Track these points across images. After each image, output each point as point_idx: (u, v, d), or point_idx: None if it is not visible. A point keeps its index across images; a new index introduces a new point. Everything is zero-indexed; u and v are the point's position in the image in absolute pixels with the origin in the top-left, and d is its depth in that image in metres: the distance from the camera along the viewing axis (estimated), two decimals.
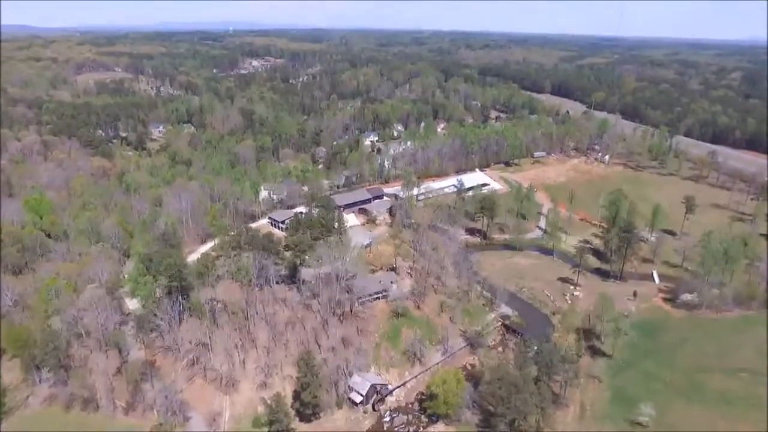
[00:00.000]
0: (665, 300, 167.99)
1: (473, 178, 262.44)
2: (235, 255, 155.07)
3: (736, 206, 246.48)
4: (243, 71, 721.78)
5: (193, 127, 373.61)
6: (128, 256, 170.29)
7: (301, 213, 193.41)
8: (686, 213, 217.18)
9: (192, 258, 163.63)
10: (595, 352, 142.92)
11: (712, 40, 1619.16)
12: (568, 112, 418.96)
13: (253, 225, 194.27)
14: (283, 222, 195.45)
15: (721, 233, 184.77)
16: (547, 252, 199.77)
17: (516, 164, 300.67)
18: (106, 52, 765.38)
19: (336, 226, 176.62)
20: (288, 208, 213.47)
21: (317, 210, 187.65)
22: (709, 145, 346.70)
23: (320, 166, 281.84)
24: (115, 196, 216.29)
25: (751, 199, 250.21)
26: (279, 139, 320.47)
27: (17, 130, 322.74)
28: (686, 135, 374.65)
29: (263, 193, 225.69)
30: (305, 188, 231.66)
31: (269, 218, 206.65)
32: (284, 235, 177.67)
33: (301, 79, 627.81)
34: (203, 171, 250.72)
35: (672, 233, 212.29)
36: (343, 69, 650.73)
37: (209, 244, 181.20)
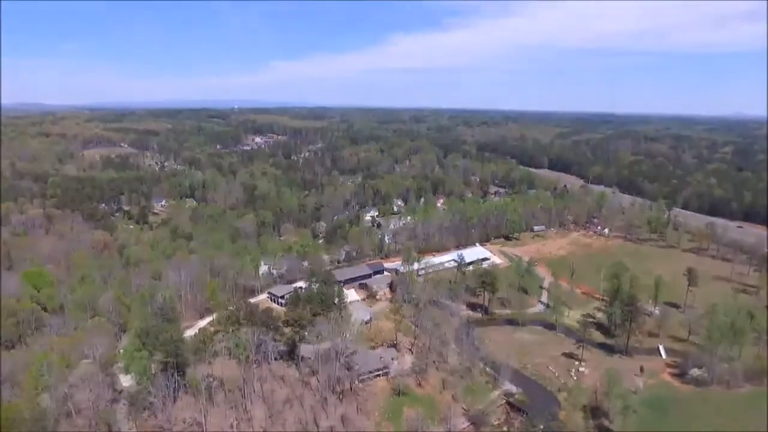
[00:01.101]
0: (673, 375, 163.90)
1: (473, 253, 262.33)
2: (233, 330, 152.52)
3: (738, 278, 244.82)
4: (246, 147, 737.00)
5: (195, 202, 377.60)
6: (125, 331, 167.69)
7: (301, 288, 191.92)
8: (689, 285, 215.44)
9: (189, 333, 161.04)
10: (603, 430, 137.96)
11: (701, 115, 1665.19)
12: (566, 186, 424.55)
13: (253, 300, 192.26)
14: (282, 297, 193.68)
15: (726, 306, 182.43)
16: (550, 326, 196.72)
17: (516, 238, 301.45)
18: (113, 128, 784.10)
19: (336, 302, 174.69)
20: (288, 283, 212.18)
21: (317, 285, 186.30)
22: (706, 217, 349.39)
23: (321, 241, 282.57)
24: (115, 270, 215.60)
25: (754, 271, 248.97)
26: (280, 214, 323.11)
27: (21, 203, 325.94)
28: (684, 207, 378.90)
29: (263, 268, 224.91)
30: (305, 263, 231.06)
31: (269, 293, 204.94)
32: (284, 310, 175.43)
33: (302, 155, 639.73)
34: (204, 245, 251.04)
35: (676, 306, 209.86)
36: (344, 145, 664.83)
37: (207, 319, 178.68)
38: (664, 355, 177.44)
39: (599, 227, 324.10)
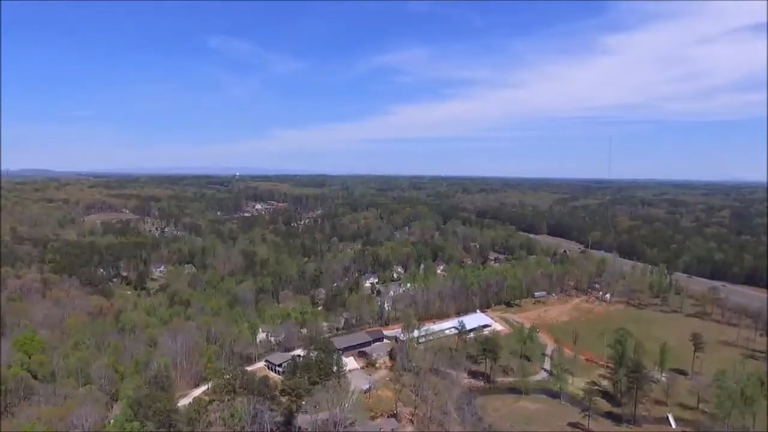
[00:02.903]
0: None
1: (474, 320, 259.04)
2: (228, 400, 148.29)
3: (746, 343, 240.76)
4: (246, 214, 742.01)
5: (194, 268, 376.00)
6: (117, 400, 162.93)
7: (299, 356, 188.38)
8: (695, 351, 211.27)
9: (184, 402, 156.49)
10: None
11: (696, 181, 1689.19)
12: (565, 251, 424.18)
13: (250, 368, 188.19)
14: (280, 365, 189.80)
15: (736, 372, 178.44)
16: (554, 395, 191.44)
17: (517, 305, 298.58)
18: (116, 194, 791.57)
19: (335, 370, 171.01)
20: (286, 351, 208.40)
21: (315, 353, 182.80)
22: (708, 281, 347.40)
23: (320, 308, 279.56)
24: (110, 336, 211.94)
25: (761, 335, 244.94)
26: (279, 280, 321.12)
27: (19, 267, 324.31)
28: (684, 271, 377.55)
29: (261, 335, 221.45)
30: (304, 330, 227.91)
31: (266, 361, 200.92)
32: (281, 379, 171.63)
33: (302, 222, 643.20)
34: (202, 311, 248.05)
35: (683, 373, 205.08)
36: (343, 212, 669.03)
37: (203, 388, 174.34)
38: (673, 425, 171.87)
39: (600, 292, 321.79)
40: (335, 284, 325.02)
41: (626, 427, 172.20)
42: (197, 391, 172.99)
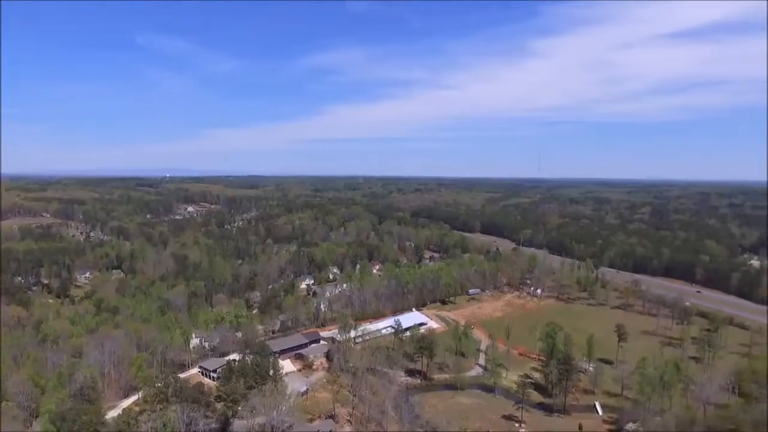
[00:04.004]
0: (610, 431, 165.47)
1: (410, 318, 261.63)
2: (160, 409, 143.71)
3: (664, 331, 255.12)
4: (178, 217, 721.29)
5: (122, 273, 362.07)
6: (37, 416, 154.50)
7: (234, 361, 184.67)
8: (619, 341, 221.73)
9: (112, 414, 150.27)
10: None
11: (619, 179, 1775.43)
12: (498, 249, 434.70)
13: (183, 375, 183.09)
14: (214, 371, 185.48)
15: (655, 359, 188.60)
16: (489, 389, 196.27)
17: (452, 302, 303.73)
18: (35, 197, 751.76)
19: (271, 374, 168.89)
20: (221, 356, 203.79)
21: (251, 357, 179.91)
22: (631, 274, 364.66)
23: (255, 311, 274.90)
24: (29, 348, 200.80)
25: (677, 324, 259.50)
26: (213, 284, 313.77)
27: None
28: (609, 266, 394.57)
29: (194, 341, 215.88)
30: (239, 334, 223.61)
31: (200, 367, 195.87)
32: (216, 384, 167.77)
33: (236, 224, 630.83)
34: (131, 318, 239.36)
35: (609, 362, 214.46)
36: (278, 214, 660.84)
37: (133, 398, 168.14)
38: (600, 412, 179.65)
39: (532, 288, 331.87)
40: (270, 286, 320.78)
41: (557, 416, 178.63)
42: (127, 402, 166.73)
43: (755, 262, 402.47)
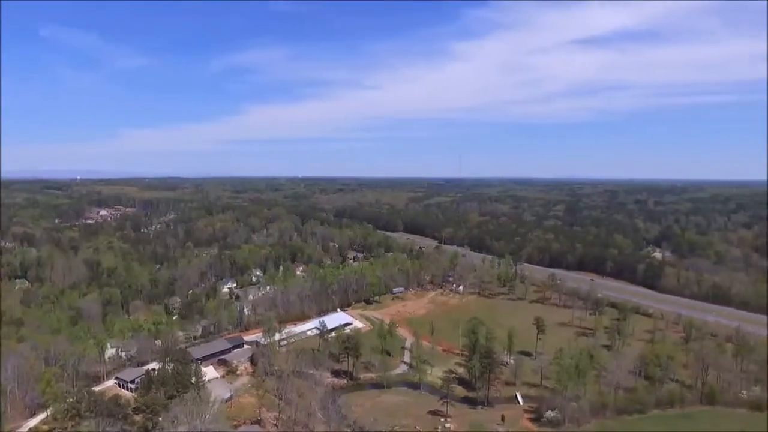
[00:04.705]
0: (531, 420, 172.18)
1: (336, 319, 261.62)
2: (73, 425, 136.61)
3: (578, 322, 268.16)
4: (90, 221, 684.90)
5: (27, 282, 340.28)
6: None
7: (154, 370, 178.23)
8: (538, 333, 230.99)
9: None
10: None
11: (536, 178, 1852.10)
12: (421, 248, 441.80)
13: (98, 388, 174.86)
14: (132, 381, 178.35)
15: (570, 349, 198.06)
16: (415, 386, 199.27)
17: (376, 301, 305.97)
18: None
19: (193, 381, 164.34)
20: (139, 366, 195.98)
21: (172, 365, 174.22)
22: (547, 269, 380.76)
23: (175, 317, 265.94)
24: None
25: (590, 315, 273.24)
26: (129, 290, 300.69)
27: None
28: (527, 261, 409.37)
29: (110, 351, 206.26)
30: (158, 342, 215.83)
31: (116, 378, 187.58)
32: (134, 396, 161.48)
33: (154, 228, 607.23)
34: (38, 330, 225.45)
35: (528, 354, 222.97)
36: (198, 216, 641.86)
37: (41, 416, 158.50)
38: (521, 402, 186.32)
39: (454, 285, 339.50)
40: (191, 291, 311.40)
41: (481, 408, 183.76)
42: (34, 421, 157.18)
43: (658, 254, 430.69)
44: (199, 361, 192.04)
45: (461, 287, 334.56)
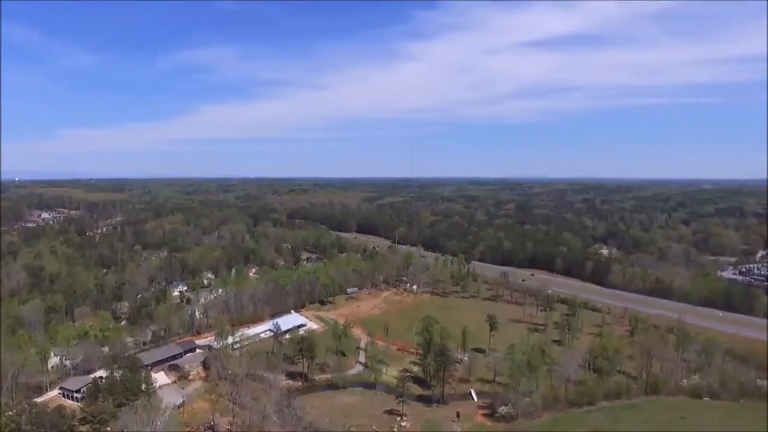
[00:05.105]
0: (485, 416, 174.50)
1: (290, 320, 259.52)
2: None
3: (530, 318, 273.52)
4: (30, 224, 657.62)
5: None
6: None
7: (101, 378, 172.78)
8: (491, 330, 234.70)
9: None
10: None
11: (487, 177, 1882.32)
12: (374, 248, 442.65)
13: (40, 399, 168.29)
14: (78, 391, 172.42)
15: (522, 345, 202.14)
16: (370, 386, 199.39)
17: (330, 302, 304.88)
18: None
19: (143, 388, 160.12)
20: (85, 374, 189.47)
21: (120, 372, 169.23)
22: (499, 267, 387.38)
23: (123, 323, 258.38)
24: None
25: (541, 311, 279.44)
26: (74, 296, 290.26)
27: None
28: (480, 260, 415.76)
29: (54, 360, 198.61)
30: (106, 349, 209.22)
31: (61, 388, 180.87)
32: (80, 406, 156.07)
33: (100, 231, 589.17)
34: None
35: (482, 351, 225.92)
36: (147, 218, 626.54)
37: None
38: (475, 398, 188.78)
39: (408, 284, 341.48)
40: (140, 295, 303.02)
41: (436, 406, 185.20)
42: None
43: (605, 251, 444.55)
44: (150, 367, 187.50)
45: (415, 286, 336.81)
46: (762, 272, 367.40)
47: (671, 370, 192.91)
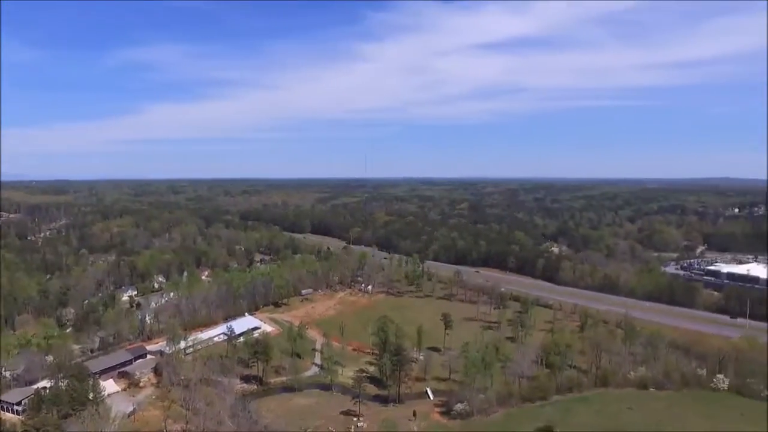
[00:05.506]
0: (441, 414, 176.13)
1: (244, 323, 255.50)
2: None
3: (484, 317, 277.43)
4: None
5: None
6: None
7: (45, 388, 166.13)
8: (445, 329, 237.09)
9: None
10: None
11: (440, 177, 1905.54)
12: (329, 248, 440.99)
13: None
14: (19, 403, 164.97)
15: (477, 342, 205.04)
16: (326, 388, 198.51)
17: (285, 304, 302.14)
18: None
19: (90, 397, 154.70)
20: (27, 385, 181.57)
21: (65, 381, 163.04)
22: (453, 266, 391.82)
23: (69, 330, 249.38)
24: None
25: (494, 309, 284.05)
26: (14, 303, 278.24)
27: None
28: (434, 259, 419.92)
29: None
30: (50, 358, 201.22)
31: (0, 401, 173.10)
32: (21, 418, 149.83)
33: (42, 235, 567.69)
34: None
35: (437, 349, 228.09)
36: (93, 221, 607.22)
37: None
38: (431, 397, 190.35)
39: (363, 285, 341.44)
40: (87, 301, 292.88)
41: (392, 406, 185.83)
42: None
43: (555, 249, 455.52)
44: (98, 375, 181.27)
45: (370, 287, 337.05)
46: (701, 267, 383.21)
47: (619, 363, 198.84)
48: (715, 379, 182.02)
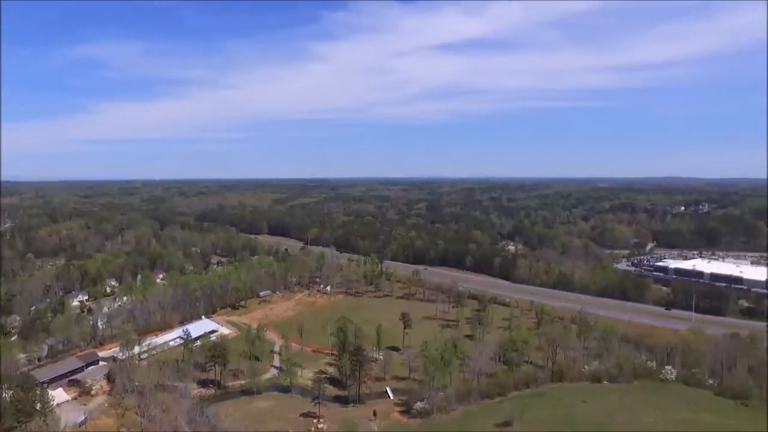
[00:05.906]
0: (401, 413, 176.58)
1: (200, 327, 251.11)
2: None
3: (442, 315, 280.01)
4: None
5: None
6: None
7: None
8: (405, 328, 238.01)
9: None
10: None
11: (398, 177, 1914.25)
12: (287, 249, 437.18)
13: None
14: None
15: (436, 341, 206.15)
16: (286, 390, 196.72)
17: (243, 306, 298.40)
18: None
19: (38, 408, 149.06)
20: None
21: (11, 392, 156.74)
22: (411, 265, 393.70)
23: (14, 338, 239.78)
24: None
25: (453, 307, 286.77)
26: None
27: None
28: (392, 259, 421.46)
29: None
30: None
31: None
32: None
33: None
34: None
35: (396, 349, 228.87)
36: (40, 224, 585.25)
37: None
38: (391, 396, 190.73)
39: (321, 285, 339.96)
40: (34, 307, 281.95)
41: (353, 406, 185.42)
42: None
43: (511, 247, 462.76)
44: (46, 384, 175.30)
45: (328, 287, 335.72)
46: (651, 263, 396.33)
47: (574, 358, 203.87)
48: (663, 371, 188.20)
